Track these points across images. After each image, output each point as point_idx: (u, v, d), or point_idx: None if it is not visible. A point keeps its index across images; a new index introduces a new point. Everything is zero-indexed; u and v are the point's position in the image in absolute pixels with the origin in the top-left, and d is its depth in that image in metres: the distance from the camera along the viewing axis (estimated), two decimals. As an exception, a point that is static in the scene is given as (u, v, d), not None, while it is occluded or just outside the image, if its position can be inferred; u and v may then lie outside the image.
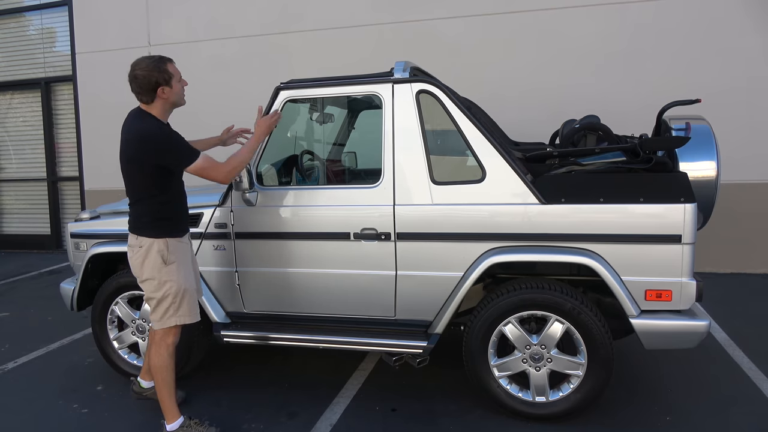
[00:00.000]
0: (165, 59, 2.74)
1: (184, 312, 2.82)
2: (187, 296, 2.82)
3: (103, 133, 7.99)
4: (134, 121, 2.73)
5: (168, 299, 2.77)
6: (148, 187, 2.73)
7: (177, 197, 2.85)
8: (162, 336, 2.84)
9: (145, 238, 2.76)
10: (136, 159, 2.69)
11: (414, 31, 6.60)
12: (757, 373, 3.53)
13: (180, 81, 2.78)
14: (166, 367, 2.85)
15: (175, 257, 2.79)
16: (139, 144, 2.66)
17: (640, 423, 2.99)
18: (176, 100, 2.78)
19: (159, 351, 2.85)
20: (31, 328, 4.90)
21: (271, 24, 7.10)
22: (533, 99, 6.29)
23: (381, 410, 3.22)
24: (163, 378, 2.85)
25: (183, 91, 2.80)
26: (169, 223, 2.79)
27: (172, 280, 2.77)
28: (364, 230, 3.11)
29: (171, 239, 2.79)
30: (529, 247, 2.94)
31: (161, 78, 2.69)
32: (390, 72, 3.15)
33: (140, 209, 2.77)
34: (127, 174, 2.76)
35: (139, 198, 2.77)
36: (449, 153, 3.09)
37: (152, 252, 2.75)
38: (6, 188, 8.99)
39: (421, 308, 3.15)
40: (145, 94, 2.71)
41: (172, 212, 2.82)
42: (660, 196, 2.77)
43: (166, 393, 2.87)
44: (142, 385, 3.26)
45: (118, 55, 7.81)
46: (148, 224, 2.76)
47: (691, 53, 5.90)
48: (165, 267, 2.76)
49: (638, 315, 2.83)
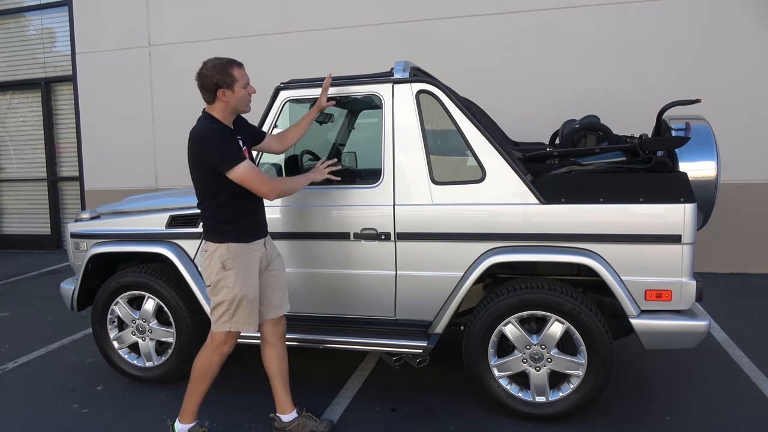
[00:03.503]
0: (233, 62, 2.66)
1: (238, 320, 2.73)
2: (244, 304, 2.71)
3: (103, 133, 8.00)
4: (197, 122, 2.70)
5: (223, 305, 2.71)
6: (206, 189, 2.68)
7: (240, 201, 2.72)
8: (219, 343, 2.78)
9: (211, 243, 2.73)
10: (191, 160, 2.66)
11: (414, 31, 6.61)
12: (757, 373, 3.53)
13: (246, 87, 2.67)
14: (210, 372, 2.81)
15: (236, 264, 2.69)
16: (192, 145, 2.63)
17: (640, 422, 2.99)
18: (237, 105, 2.68)
19: (211, 355, 2.80)
20: (31, 328, 4.91)
21: (271, 24, 7.10)
22: (533, 99, 6.30)
23: (381, 410, 3.22)
24: (202, 380, 2.81)
25: (248, 98, 2.70)
26: (232, 227, 2.71)
27: (228, 286, 2.69)
28: (364, 230, 3.11)
29: (234, 244, 2.70)
30: (529, 247, 2.94)
31: (222, 80, 2.61)
32: (390, 72, 3.15)
33: (204, 213, 2.75)
34: (191, 176, 2.72)
35: (201, 200, 2.74)
36: (449, 153, 3.09)
37: (214, 257, 2.70)
38: (6, 188, 8.99)
39: (421, 308, 3.15)
40: (206, 94, 2.66)
41: (235, 216, 2.72)
42: (660, 196, 2.77)
43: (196, 394, 2.82)
44: (284, 420, 2.95)
45: (118, 55, 7.81)
46: (212, 228, 2.72)
47: (691, 53, 5.90)
48: (223, 272, 2.69)
49: (638, 315, 2.83)
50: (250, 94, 2.71)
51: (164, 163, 7.77)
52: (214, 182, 2.65)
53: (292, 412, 2.95)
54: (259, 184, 2.62)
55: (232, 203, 2.70)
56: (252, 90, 2.71)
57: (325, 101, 3.10)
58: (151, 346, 3.58)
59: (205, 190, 2.69)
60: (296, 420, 2.93)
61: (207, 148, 2.58)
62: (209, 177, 2.64)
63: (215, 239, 2.72)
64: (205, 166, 2.62)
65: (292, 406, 2.95)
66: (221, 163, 2.58)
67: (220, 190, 2.67)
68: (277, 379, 2.93)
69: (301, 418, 2.94)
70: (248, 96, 2.70)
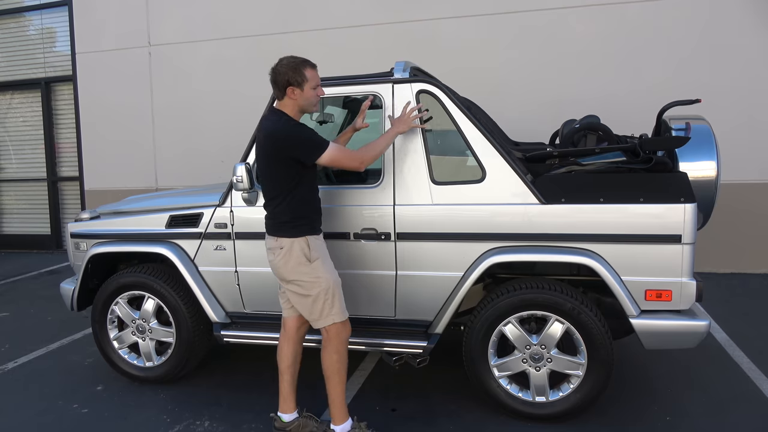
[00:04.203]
0: (307, 63, 2.70)
1: (339, 306, 2.76)
2: (338, 290, 2.77)
3: (103, 133, 8.00)
4: (265, 119, 2.73)
5: (320, 298, 2.72)
6: (285, 184, 2.69)
7: (312, 195, 2.80)
8: (336, 334, 2.76)
9: (285, 238, 2.71)
10: (270, 157, 2.67)
11: (414, 31, 6.61)
12: (757, 373, 3.53)
13: (315, 89, 2.71)
14: (345, 366, 2.79)
15: (318, 253, 2.74)
16: (273, 142, 2.64)
17: (640, 423, 2.99)
18: (304, 105, 2.71)
19: (337, 348, 2.76)
20: (31, 328, 4.91)
21: (271, 24, 7.10)
22: (533, 99, 6.30)
23: (381, 410, 3.22)
24: (341, 378, 2.79)
25: (315, 99, 2.72)
26: (307, 221, 2.74)
27: (321, 276, 2.72)
28: (364, 230, 3.11)
29: (310, 237, 2.74)
30: (529, 247, 2.94)
31: (293, 79, 2.65)
32: (390, 72, 3.15)
33: (278, 209, 2.73)
34: (264, 173, 2.73)
35: (275, 196, 2.72)
36: (449, 153, 3.09)
37: (294, 252, 2.70)
38: (6, 188, 8.99)
39: (421, 308, 3.15)
40: (277, 90, 2.71)
41: (309, 209, 2.77)
42: (660, 196, 2.77)
43: (341, 393, 2.80)
44: (284, 419, 2.94)
45: (118, 55, 7.82)
46: (287, 224, 2.71)
47: (691, 53, 5.90)
48: (310, 264, 2.71)
49: (638, 315, 2.84)
50: (319, 96, 2.74)
51: (164, 163, 7.77)
52: (294, 176, 2.68)
53: (293, 412, 2.95)
54: (348, 160, 2.71)
55: (306, 197, 2.74)
56: (321, 92, 2.75)
57: (361, 123, 3.11)
58: (151, 346, 3.58)
59: (283, 185, 2.69)
60: (297, 420, 2.93)
61: (292, 142, 2.62)
62: (290, 171, 2.67)
63: (291, 234, 2.71)
64: (288, 161, 2.64)
65: (294, 406, 2.95)
66: (310, 153, 2.63)
67: (299, 183, 2.70)
68: (288, 377, 2.93)
69: (302, 418, 2.94)
70: (316, 97, 2.73)
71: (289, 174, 2.67)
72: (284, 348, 2.94)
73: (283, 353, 2.94)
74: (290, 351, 2.93)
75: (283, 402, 2.94)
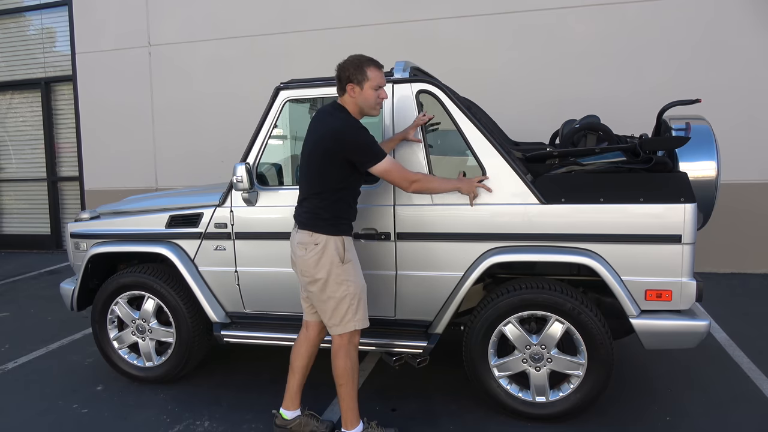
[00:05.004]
0: (372, 61, 2.67)
1: (362, 314, 2.71)
2: (364, 297, 2.73)
3: (102, 133, 8.00)
4: (328, 114, 2.67)
5: (347, 299, 2.66)
6: (332, 182, 2.63)
7: (354, 199, 2.76)
8: (348, 340, 2.71)
9: (322, 235, 2.64)
10: (326, 151, 2.60)
11: (414, 31, 6.61)
12: (757, 373, 3.53)
13: (376, 90, 2.64)
14: (354, 371, 2.74)
15: (351, 256, 2.71)
16: (332, 137, 2.58)
17: (640, 423, 2.99)
18: (363, 105, 2.66)
19: (348, 353, 2.72)
20: (31, 328, 4.91)
21: (271, 24, 7.10)
22: (533, 99, 6.30)
23: (381, 410, 3.22)
24: (354, 382, 2.75)
25: (375, 100, 2.65)
26: (347, 221, 2.72)
27: (350, 279, 2.67)
28: (364, 230, 3.11)
29: (347, 238, 2.71)
30: (529, 247, 2.94)
31: (354, 76, 2.62)
32: (390, 72, 3.15)
33: (319, 204, 2.65)
34: (312, 166, 2.65)
35: (319, 192, 2.65)
36: (449, 153, 3.09)
37: (329, 250, 2.64)
38: (6, 188, 8.99)
39: (421, 308, 3.15)
40: (339, 85, 2.68)
41: (350, 212, 2.74)
42: (660, 196, 2.77)
43: (349, 398, 2.75)
44: (285, 416, 2.93)
45: (117, 55, 7.82)
46: (328, 220, 2.65)
47: (691, 53, 5.90)
48: (342, 266, 2.66)
49: (638, 315, 2.83)
50: (381, 98, 2.67)
51: (164, 162, 7.77)
52: (345, 177, 2.64)
53: (296, 410, 2.95)
54: (400, 179, 2.67)
55: (348, 200, 2.71)
56: (384, 95, 2.67)
57: (412, 135, 3.03)
58: (151, 346, 3.58)
59: (333, 183, 2.64)
60: (298, 418, 2.93)
61: (354, 146, 2.57)
62: (342, 171, 2.62)
63: (330, 232, 2.66)
64: (344, 162, 2.60)
65: (298, 405, 2.96)
66: (368, 159, 2.59)
67: (348, 185, 2.67)
68: (299, 376, 2.92)
69: (304, 416, 2.94)
70: (377, 98, 2.66)
71: (341, 174, 2.63)
72: (302, 348, 2.92)
73: (300, 353, 2.92)
74: (307, 353, 2.92)
75: (289, 399, 2.94)
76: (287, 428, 2.92)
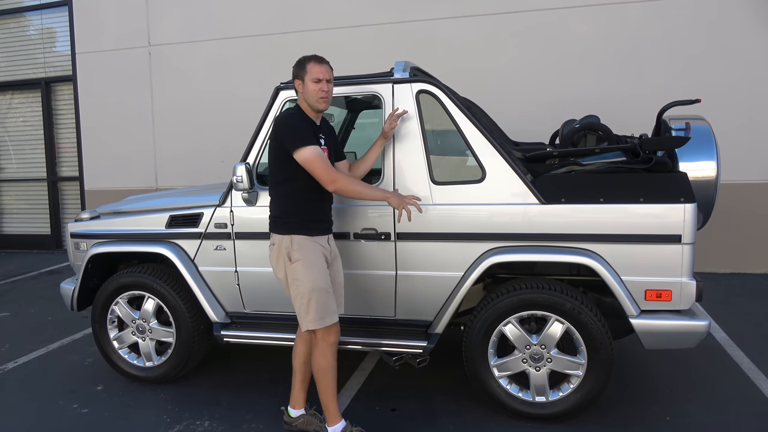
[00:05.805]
0: (315, 58, 2.72)
1: (315, 314, 2.68)
2: (319, 297, 2.68)
3: (103, 133, 8.00)
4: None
5: (297, 299, 2.70)
6: (277, 176, 2.72)
7: (309, 194, 2.73)
8: (321, 338, 2.72)
9: (276, 234, 2.75)
10: (270, 143, 2.72)
11: (414, 31, 6.61)
12: (757, 373, 3.53)
13: (317, 83, 2.66)
14: (331, 368, 2.76)
15: (301, 255, 2.68)
16: (272, 126, 2.70)
17: (640, 423, 2.99)
18: (307, 99, 2.70)
19: (323, 352, 2.73)
20: (31, 328, 4.91)
21: (271, 24, 7.10)
22: (533, 99, 6.30)
23: (381, 410, 3.22)
24: (327, 380, 2.76)
25: (318, 93, 2.67)
26: (296, 219, 2.71)
27: (299, 279, 2.68)
28: (364, 230, 3.11)
29: (297, 236, 2.70)
30: (529, 247, 2.94)
31: (297, 73, 2.72)
32: (390, 72, 3.15)
33: (271, 203, 2.79)
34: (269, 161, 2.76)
35: (270, 187, 2.78)
36: (449, 153, 3.09)
37: (282, 249, 2.71)
38: (6, 188, 8.99)
39: (421, 308, 3.15)
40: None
41: (303, 208, 2.73)
42: (660, 196, 2.77)
43: (329, 392, 2.77)
44: (291, 414, 2.97)
45: (118, 55, 7.82)
46: (277, 219, 2.75)
47: (691, 53, 5.90)
48: (291, 264, 2.69)
49: (638, 315, 2.83)
50: (322, 91, 2.68)
51: (164, 162, 7.77)
52: (287, 168, 2.67)
53: (301, 409, 2.97)
54: (322, 172, 2.61)
55: (303, 195, 2.72)
56: (324, 87, 2.68)
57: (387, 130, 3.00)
58: (151, 346, 3.58)
59: (277, 176, 2.72)
60: (302, 417, 2.95)
61: (282, 127, 2.64)
62: (282, 160, 2.67)
63: (280, 231, 2.73)
64: (280, 148, 2.65)
65: (303, 403, 2.98)
66: (291, 141, 2.61)
67: (292, 177, 2.69)
68: (299, 374, 2.95)
69: (308, 415, 2.96)
70: (318, 91, 2.67)
71: (282, 164, 2.68)
72: (298, 347, 2.96)
73: (297, 352, 2.96)
74: (303, 350, 2.94)
75: (293, 397, 2.98)
76: (293, 426, 2.96)
